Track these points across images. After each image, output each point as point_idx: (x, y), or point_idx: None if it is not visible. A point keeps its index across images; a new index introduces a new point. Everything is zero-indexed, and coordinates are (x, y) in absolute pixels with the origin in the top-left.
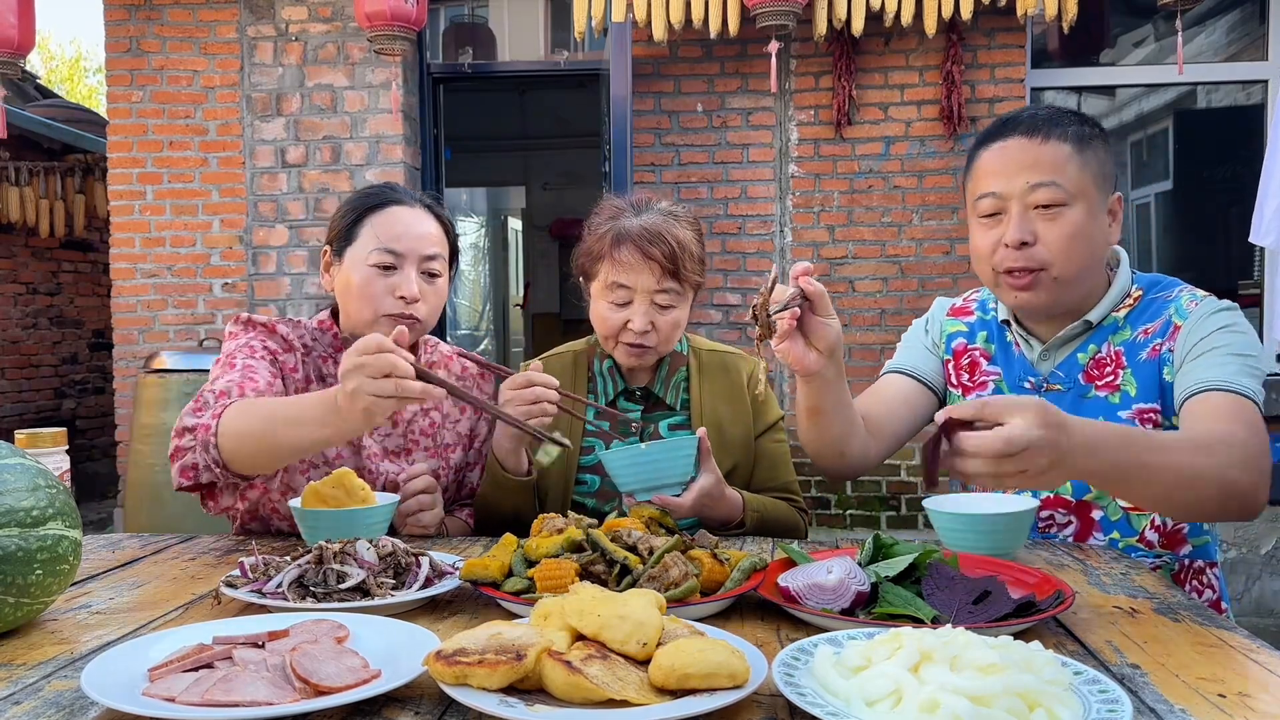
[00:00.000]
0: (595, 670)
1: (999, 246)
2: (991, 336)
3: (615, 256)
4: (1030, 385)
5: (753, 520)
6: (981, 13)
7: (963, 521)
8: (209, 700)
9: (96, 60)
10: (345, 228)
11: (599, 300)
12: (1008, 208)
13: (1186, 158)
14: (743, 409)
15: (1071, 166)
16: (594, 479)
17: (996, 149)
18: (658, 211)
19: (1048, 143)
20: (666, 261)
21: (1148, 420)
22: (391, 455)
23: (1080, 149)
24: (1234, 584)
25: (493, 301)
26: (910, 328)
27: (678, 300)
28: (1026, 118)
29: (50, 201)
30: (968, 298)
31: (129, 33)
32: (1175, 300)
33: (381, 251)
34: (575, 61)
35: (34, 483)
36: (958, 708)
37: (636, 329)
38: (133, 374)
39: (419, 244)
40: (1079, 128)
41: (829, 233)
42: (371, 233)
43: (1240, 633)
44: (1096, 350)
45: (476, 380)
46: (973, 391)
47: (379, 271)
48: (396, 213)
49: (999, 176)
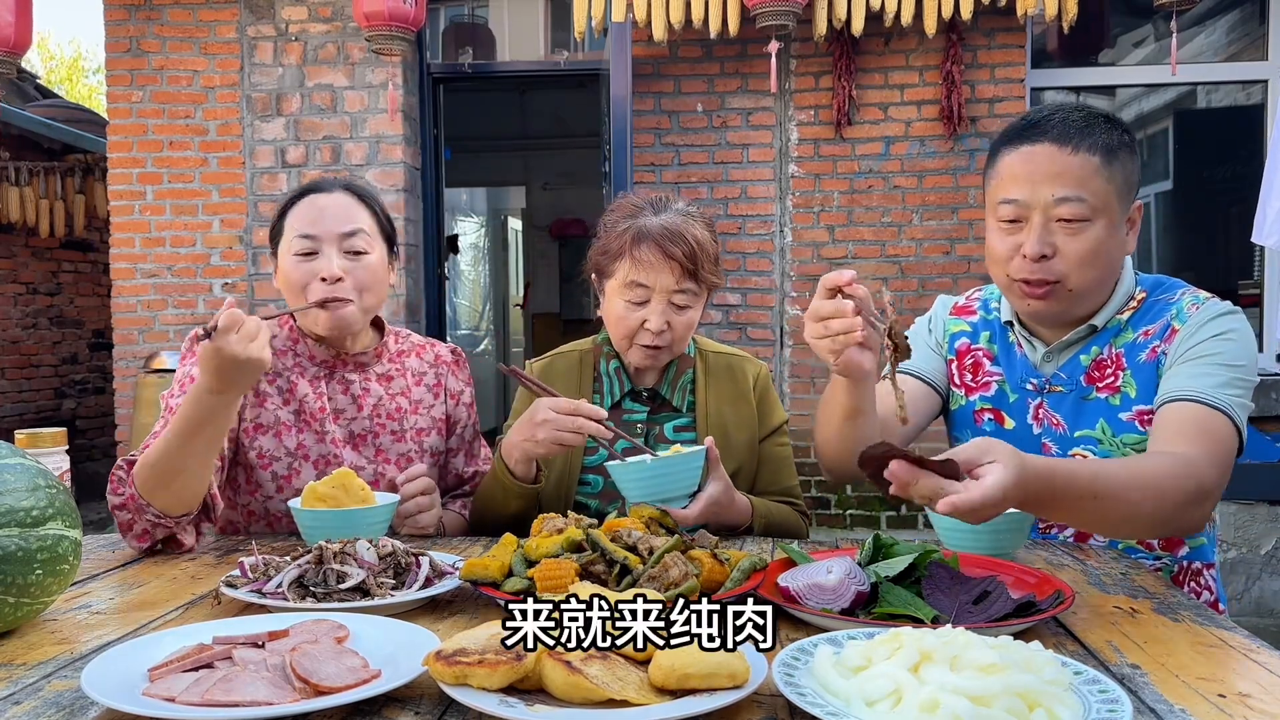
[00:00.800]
0: (595, 670)
1: (1016, 255)
2: (994, 337)
3: (636, 255)
4: (1033, 386)
5: (759, 525)
6: (981, 13)
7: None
8: (209, 700)
9: (96, 60)
10: (275, 225)
11: (615, 299)
12: (1029, 216)
13: (1186, 158)
14: (748, 412)
15: (1098, 180)
16: (597, 479)
17: (1024, 153)
18: (676, 211)
19: (1078, 154)
20: (687, 261)
21: (1148, 422)
22: (358, 440)
23: (1108, 160)
24: (1234, 584)
25: (493, 301)
26: (913, 327)
27: (694, 301)
28: (1059, 122)
29: (50, 201)
30: (970, 296)
31: (129, 33)
32: (1177, 303)
33: (299, 238)
34: (575, 61)
35: (34, 483)
36: (958, 708)
37: (653, 329)
38: (133, 374)
39: (334, 224)
40: (1108, 136)
41: (829, 233)
42: (291, 223)
43: (1240, 633)
44: (1099, 352)
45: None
46: (976, 392)
47: (302, 259)
48: (313, 199)
49: (1023, 184)
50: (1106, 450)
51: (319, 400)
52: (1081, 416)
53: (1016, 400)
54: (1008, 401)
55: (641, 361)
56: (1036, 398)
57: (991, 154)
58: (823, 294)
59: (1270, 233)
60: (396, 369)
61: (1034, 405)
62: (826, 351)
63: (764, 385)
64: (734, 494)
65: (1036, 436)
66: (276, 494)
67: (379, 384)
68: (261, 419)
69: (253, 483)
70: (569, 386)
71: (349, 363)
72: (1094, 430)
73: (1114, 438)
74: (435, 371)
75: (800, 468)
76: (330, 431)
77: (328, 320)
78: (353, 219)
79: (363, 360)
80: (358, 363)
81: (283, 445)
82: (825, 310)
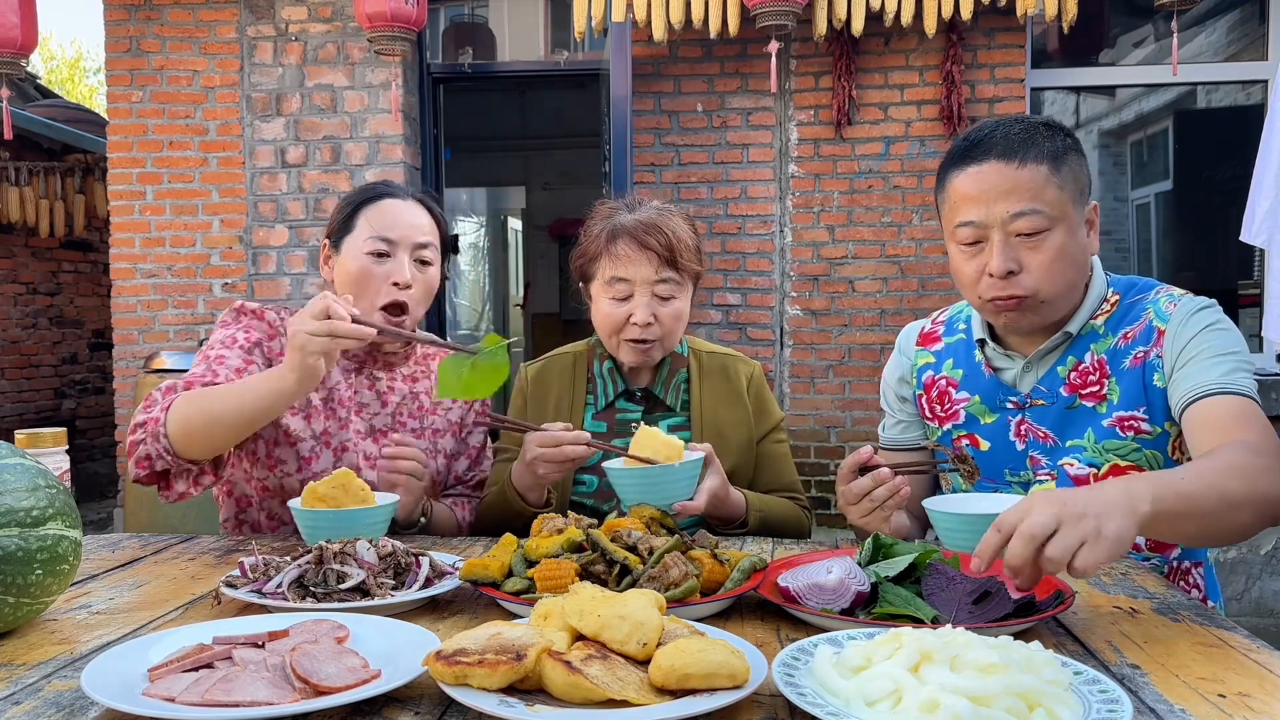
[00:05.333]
0: (595, 670)
1: (983, 275)
2: (958, 361)
3: (612, 251)
4: (1014, 404)
5: (755, 519)
6: (981, 13)
7: (963, 521)
8: (209, 700)
9: (96, 60)
10: (342, 220)
11: (600, 299)
12: (988, 235)
13: (1186, 158)
14: (743, 412)
15: (1050, 189)
16: (593, 479)
17: (972, 174)
18: (651, 208)
19: (1025, 166)
20: (664, 250)
21: (1129, 427)
22: (377, 434)
23: (1056, 168)
24: (1234, 584)
25: (493, 301)
26: (882, 380)
27: (678, 291)
28: (1000, 138)
29: (50, 201)
30: (936, 319)
31: (129, 33)
32: (1154, 302)
33: (376, 240)
34: (575, 61)
35: (34, 483)
36: (958, 708)
37: (639, 321)
38: (133, 374)
39: (411, 232)
40: (1052, 143)
41: (829, 233)
42: (367, 223)
43: (1240, 633)
44: (1077, 361)
45: None
46: (947, 421)
47: (374, 259)
48: (390, 204)
49: (977, 204)
50: (1092, 458)
51: (348, 390)
52: (1069, 426)
53: (995, 420)
54: (980, 424)
55: (632, 359)
56: (1018, 414)
57: (939, 178)
58: (850, 476)
59: (1259, 231)
60: (422, 370)
61: (1015, 422)
62: (880, 522)
63: (758, 385)
64: (729, 489)
65: (1021, 453)
66: (295, 473)
67: (404, 383)
68: None
69: (274, 458)
70: (563, 388)
71: (379, 360)
72: (1082, 439)
73: (1097, 444)
74: None
75: (800, 468)
76: (353, 423)
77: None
78: (425, 231)
79: (391, 360)
80: (387, 361)
81: (310, 428)
82: (865, 487)
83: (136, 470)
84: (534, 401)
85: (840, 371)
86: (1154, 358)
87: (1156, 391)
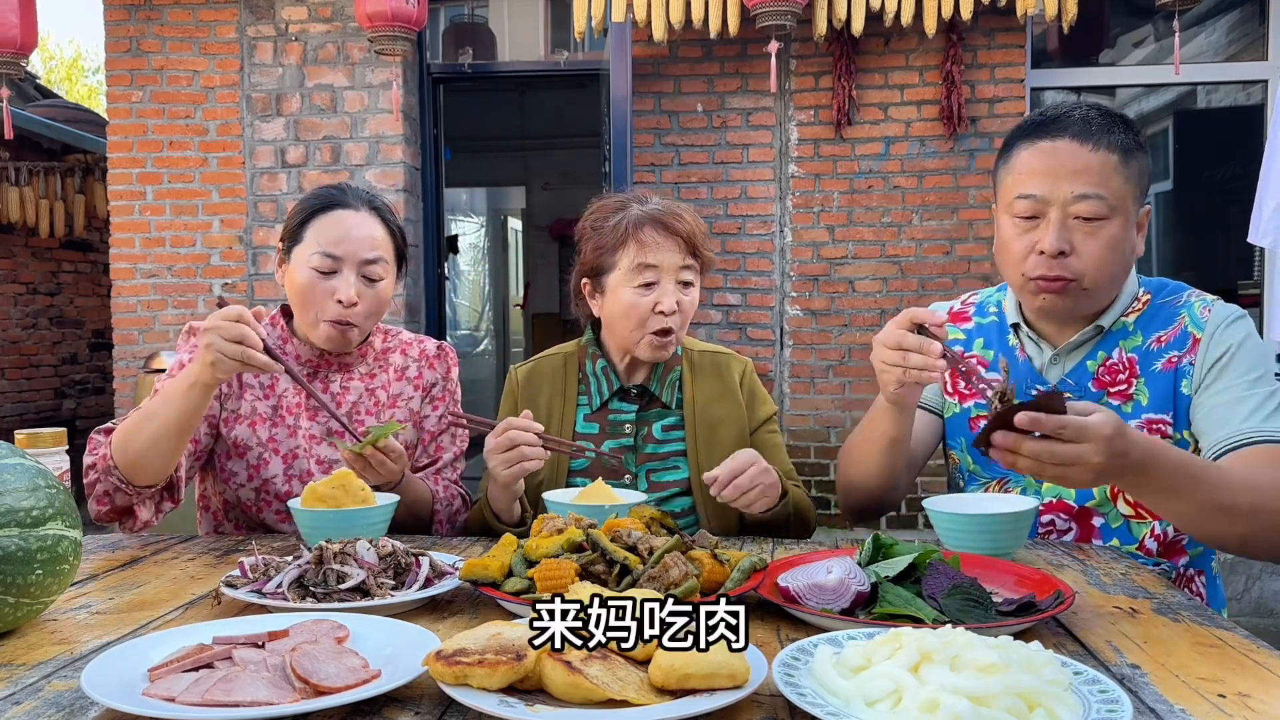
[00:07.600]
0: (595, 670)
1: (1032, 252)
2: (990, 342)
3: (640, 238)
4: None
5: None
6: (981, 13)
7: (963, 521)
8: (209, 700)
9: (96, 60)
10: (294, 227)
11: (623, 289)
12: (1047, 212)
13: (1186, 158)
14: (736, 409)
15: (1116, 179)
16: (585, 482)
17: (1044, 148)
18: (660, 199)
19: (1098, 151)
20: (687, 237)
21: (1156, 430)
22: (334, 435)
23: (1126, 160)
24: (1234, 584)
25: (493, 301)
26: None
27: (696, 279)
28: (1079, 119)
29: (50, 201)
30: (965, 301)
31: (129, 33)
32: (1187, 306)
33: (321, 255)
34: (575, 61)
35: (34, 483)
36: (958, 708)
37: (666, 309)
38: (133, 374)
39: (358, 247)
40: (1126, 136)
41: (829, 233)
42: (314, 235)
43: (1240, 633)
44: (1106, 356)
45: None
46: (971, 399)
47: (319, 275)
48: (340, 216)
49: (1043, 178)
50: None
51: (297, 396)
52: None
53: None
54: None
55: (653, 354)
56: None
57: (1005, 148)
58: (906, 325)
59: (1266, 232)
60: (379, 366)
61: None
62: (893, 382)
63: (751, 380)
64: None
65: None
66: (247, 482)
67: (360, 381)
68: (240, 409)
69: (226, 470)
70: (554, 390)
71: (333, 364)
72: None
73: None
74: (418, 365)
75: (800, 468)
76: (304, 428)
77: (329, 337)
78: (375, 245)
79: (346, 361)
80: (341, 364)
81: (255, 435)
82: (909, 343)
83: (98, 508)
84: (524, 404)
85: (840, 372)
86: (1186, 364)
87: (1184, 399)
